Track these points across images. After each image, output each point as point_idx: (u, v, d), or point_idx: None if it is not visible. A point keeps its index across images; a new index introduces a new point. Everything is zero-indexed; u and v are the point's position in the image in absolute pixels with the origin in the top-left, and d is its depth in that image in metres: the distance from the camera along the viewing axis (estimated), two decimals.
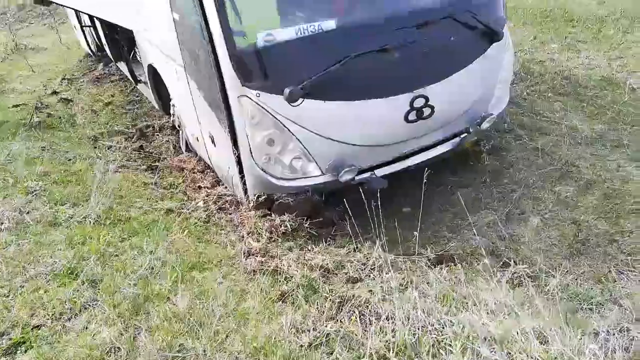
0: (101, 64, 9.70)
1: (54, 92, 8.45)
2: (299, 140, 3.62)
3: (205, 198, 4.26)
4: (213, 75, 3.53)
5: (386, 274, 3.18)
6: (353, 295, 2.73)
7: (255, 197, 3.85)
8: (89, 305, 2.57)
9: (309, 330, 2.40)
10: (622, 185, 4.35)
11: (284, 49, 3.44)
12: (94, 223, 3.51)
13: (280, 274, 2.96)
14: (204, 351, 2.24)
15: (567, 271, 3.56)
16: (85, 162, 5.11)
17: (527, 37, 8.29)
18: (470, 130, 4.37)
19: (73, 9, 7.94)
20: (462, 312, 2.72)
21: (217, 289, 2.72)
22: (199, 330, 2.32)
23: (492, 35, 4.17)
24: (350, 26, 3.65)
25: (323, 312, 2.56)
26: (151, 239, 3.24)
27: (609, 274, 3.52)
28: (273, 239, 3.49)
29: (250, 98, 3.45)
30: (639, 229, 3.86)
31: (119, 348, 2.26)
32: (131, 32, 5.60)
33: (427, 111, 3.91)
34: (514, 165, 4.82)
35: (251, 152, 3.66)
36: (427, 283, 3.19)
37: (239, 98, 3.49)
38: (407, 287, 3.04)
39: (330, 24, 3.56)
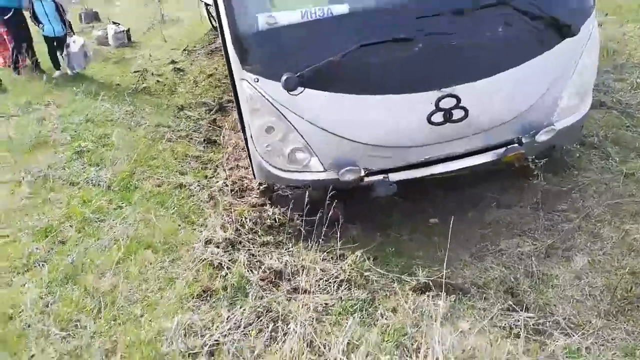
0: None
1: (172, 62, 9.25)
2: (298, 131, 3.40)
3: (227, 178, 4.28)
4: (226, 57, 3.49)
5: (346, 290, 2.86)
6: (275, 308, 2.50)
7: (258, 185, 3.75)
8: (38, 264, 2.77)
9: (202, 336, 2.26)
10: None
11: (287, 32, 3.22)
12: (107, 188, 3.75)
13: (225, 268, 2.83)
14: (92, 335, 2.25)
15: (592, 332, 2.82)
16: (149, 128, 5.50)
17: None
18: (523, 141, 3.66)
19: None
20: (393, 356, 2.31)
21: (151, 272, 2.71)
22: (101, 312, 2.35)
23: (562, 30, 3.39)
24: (365, 11, 3.25)
25: (233, 319, 2.39)
26: (137, 210, 3.36)
27: None
28: (254, 231, 3.36)
29: (249, 82, 3.32)
30: None
31: (23, 310, 2.41)
32: None
33: (458, 114, 3.35)
34: (582, 189, 3.94)
35: (252, 138, 3.55)
36: (391, 310, 2.79)
37: (241, 81, 3.39)
38: (358, 310, 2.69)
39: (342, 8, 3.22)
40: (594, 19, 3.64)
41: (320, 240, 3.52)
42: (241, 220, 3.43)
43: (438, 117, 3.34)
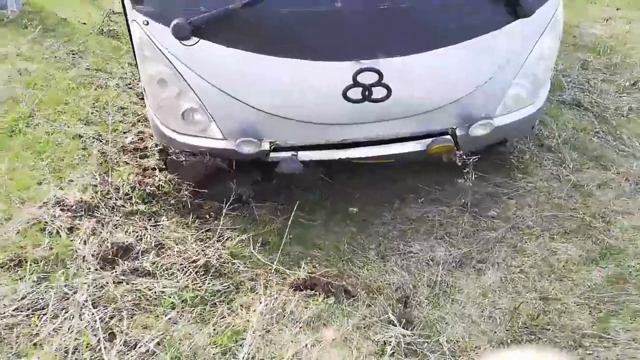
0: None
1: None
2: (192, 89, 2.95)
3: (138, 135, 3.88)
4: None
5: (199, 278, 2.48)
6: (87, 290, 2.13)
7: (154, 145, 3.35)
8: None
9: None
10: None
11: None
12: None
13: (55, 236, 2.45)
14: None
15: None
16: (85, 72, 5.06)
17: None
18: (457, 133, 3.21)
19: None
20: None
21: None
22: None
23: (515, 7, 2.89)
24: None
25: (28, 298, 2.03)
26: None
27: None
28: (129, 197, 2.97)
29: (139, 24, 2.87)
30: (629, 343, 2.46)
31: None
32: None
33: (379, 92, 2.88)
34: (521, 195, 3.49)
35: (144, 92, 3.13)
36: (245, 307, 2.41)
37: (132, 22, 2.95)
38: (200, 304, 2.31)
39: None
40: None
41: (208, 216, 3.13)
42: (117, 183, 3.03)
43: (355, 94, 2.88)
